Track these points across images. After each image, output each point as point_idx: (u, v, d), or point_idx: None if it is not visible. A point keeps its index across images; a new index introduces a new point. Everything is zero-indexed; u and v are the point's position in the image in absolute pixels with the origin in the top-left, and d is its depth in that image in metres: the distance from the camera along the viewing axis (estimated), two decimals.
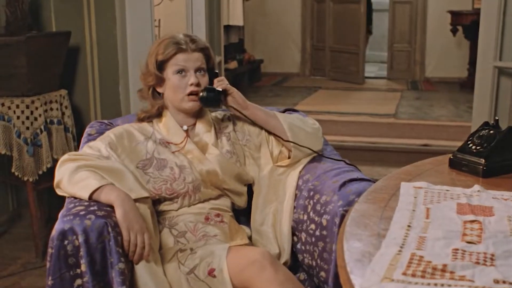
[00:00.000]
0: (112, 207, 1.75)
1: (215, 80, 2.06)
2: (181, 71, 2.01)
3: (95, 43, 3.46)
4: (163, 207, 2.01)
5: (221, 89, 2.03)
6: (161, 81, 2.04)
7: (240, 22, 6.93)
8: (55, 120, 3.25)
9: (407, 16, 8.28)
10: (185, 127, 2.08)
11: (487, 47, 3.18)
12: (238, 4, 6.82)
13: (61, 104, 3.29)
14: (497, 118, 1.82)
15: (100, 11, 3.45)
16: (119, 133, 2.02)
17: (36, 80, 3.14)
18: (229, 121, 2.19)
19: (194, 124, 2.10)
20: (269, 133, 2.13)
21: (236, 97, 2.07)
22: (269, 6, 8.58)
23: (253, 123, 2.13)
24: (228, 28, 6.71)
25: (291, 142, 2.05)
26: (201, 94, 2.00)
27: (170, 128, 2.07)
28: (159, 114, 2.10)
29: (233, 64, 6.94)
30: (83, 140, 2.19)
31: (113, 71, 3.46)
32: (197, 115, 2.11)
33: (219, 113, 2.22)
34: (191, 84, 2.00)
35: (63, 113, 3.31)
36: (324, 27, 8.43)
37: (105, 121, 2.32)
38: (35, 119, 3.13)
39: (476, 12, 5.57)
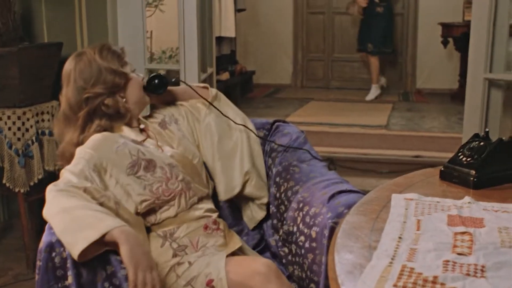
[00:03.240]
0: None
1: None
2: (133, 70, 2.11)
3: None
4: (161, 215, 1.96)
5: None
6: (125, 79, 2.05)
7: (232, 34, 6.94)
8: (47, 131, 3.25)
9: (398, 28, 8.33)
10: (142, 126, 2.11)
11: (478, 59, 3.20)
12: (230, 16, 6.84)
13: (52, 115, 3.28)
14: (487, 130, 1.84)
15: (92, 22, 3.45)
16: (96, 145, 1.92)
17: (28, 91, 3.14)
18: (162, 113, 2.24)
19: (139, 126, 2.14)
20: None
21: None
22: (261, 18, 8.61)
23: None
24: (220, 39, 6.71)
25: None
26: (152, 81, 2.16)
27: (134, 133, 2.06)
28: (112, 127, 2.04)
29: (225, 76, 6.95)
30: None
31: None
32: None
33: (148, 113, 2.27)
34: (143, 79, 2.14)
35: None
36: (319, 38, 8.50)
37: None
38: (27, 130, 3.12)
39: (467, 24, 5.61)
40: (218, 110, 2.27)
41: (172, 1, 3.65)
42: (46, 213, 1.70)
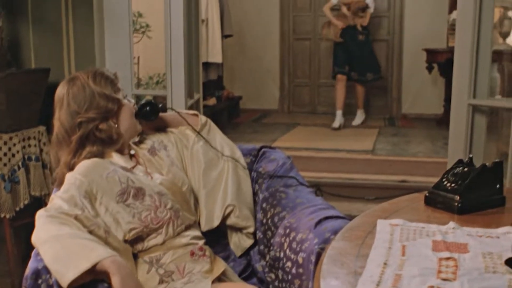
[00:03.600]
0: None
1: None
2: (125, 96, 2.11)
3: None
4: (148, 243, 1.96)
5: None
6: (119, 105, 2.06)
7: (219, 59, 6.98)
8: (33, 157, 3.24)
9: (383, 54, 8.41)
10: (132, 151, 2.11)
11: (461, 85, 3.23)
12: (217, 41, 6.88)
13: (39, 141, 3.28)
14: (471, 155, 1.86)
15: (80, 48, 3.47)
16: (86, 171, 1.91)
17: (15, 116, 3.14)
18: (151, 139, 2.24)
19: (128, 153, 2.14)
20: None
21: None
22: (248, 44, 8.66)
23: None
24: (207, 65, 6.75)
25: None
26: (144, 109, 2.17)
27: (124, 160, 2.06)
28: (103, 153, 2.03)
29: (212, 101, 6.97)
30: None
31: None
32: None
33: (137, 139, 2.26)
34: (134, 105, 2.14)
35: (41, 150, 3.30)
36: (305, 64, 8.58)
37: None
38: (13, 155, 3.11)
39: (451, 50, 5.66)
40: (206, 140, 2.28)
41: (160, 28, 3.68)
42: (36, 239, 1.68)
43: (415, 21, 8.15)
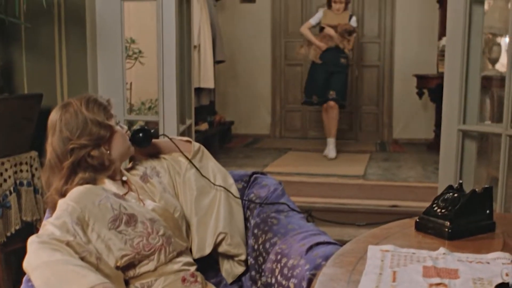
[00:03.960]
0: None
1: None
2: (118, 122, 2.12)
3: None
4: (140, 269, 1.96)
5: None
6: (111, 131, 2.06)
7: (211, 85, 7.00)
8: (25, 182, 3.24)
9: (374, 80, 8.49)
10: (124, 178, 2.11)
11: (451, 111, 3.26)
12: (209, 67, 6.91)
13: (31, 166, 3.28)
14: (461, 181, 1.88)
15: (72, 73, 3.49)
16: (79, 198, 1.91)
17: (7, 142, 3.14)
18: (143, 165, 2.25)
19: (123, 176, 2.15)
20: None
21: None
22: (240, 69, 8.72)
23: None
24: (199, 90, 6.77)
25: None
26: (138, 135, 2.19)
27: (116, 187, 2.07)
28: (95, 179, 2.04)
29: (203, 126, 6.99)
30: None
31: None
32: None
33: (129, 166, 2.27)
34: (127, 131, 2.15)
35: (33, 175, 3.30)
36: (297, 89, 8.62)
37: None
38: (5, 180, 3.11)
39: (441, 76, 5.70)
40: (197, 169, 2.28)
41: (152, 53, 3.70)
42: (27, 265, 1.67)
43: (406, 47, 8.25)
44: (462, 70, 3.20)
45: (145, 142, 2.21)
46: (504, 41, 5.75)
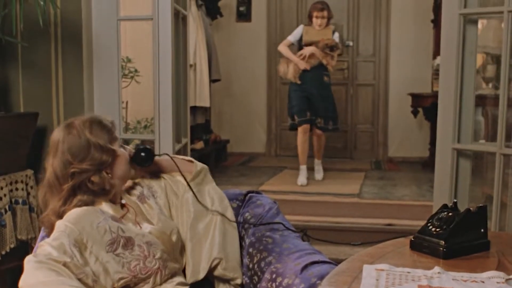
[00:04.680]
0: None
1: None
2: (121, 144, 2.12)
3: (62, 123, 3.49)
4: None
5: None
6: (113, 156, 2.07)
7: (207, 103, 7.02)
8: (20, 200, 3.24)
9: (369, 98, 8.53)
10: (123, 201, 2.11)
11: (446, 130, 3.28)
12: (205, 86, 6.93)
13: (26, 184, 3.28)
14: (455, 200, 1.88)
15: (68, 92, 3.50)
16: (77, 220, 1.91)
17: (3, 160, 3.14)
18: (141, 184, 2.25)
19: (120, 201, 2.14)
20: None
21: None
22: (236, 88, 8.74)
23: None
24: (195, 109, 6.79)
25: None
26: (140, 154, 2.19)
27: (114, 209, 2.07)
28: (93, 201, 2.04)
29: (199, 145, 6.99)
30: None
31: None
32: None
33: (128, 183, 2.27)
34: (130, 152, 2.16)
35: (28, 193, 3.30)
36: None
37: None
38: (0, 199, 3.11)
39: (435, 95, 5.70)
40: (194, 194, 2.27)
41: (148, 72, 3.72)
42: (23, 284, 1.67)
43: (400, 66, 8.30)
44: (456, 89, 3.22)
45: (147, 162, 2.21)
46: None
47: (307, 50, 6.25)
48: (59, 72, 3.50)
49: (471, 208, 1.78)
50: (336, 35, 6.44)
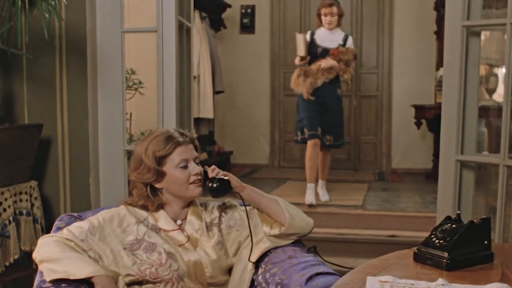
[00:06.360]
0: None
1: (209, 170, 2.16)
2: (184, 165, 2.08)
3: (66, 135, 3.51)
4: None
5: (225, 177, 2.15)
6: (161, 176, 2.08)
7: (210, 115, 7.04)
8: (24, 211, 3.24)
9: (373, 110, 8.53)
10: (179, 222, 2.12)
11: (449, 141, 3.28)
12: (209, 97, 6.95)
13: (30, 195, 3.28)
14: (458, 212, 1.88)
15: (73, 104, 3.51)
16: (109, 217, 2.05)
17: (7, 171, 3.15)
18: (217, 210, 2.25)
19: (185, 218, 2.14)
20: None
21: (233, 181, 2.17)
22: (239, 99, 8.76)
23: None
24: (198, 120, 6.81)
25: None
26: (210, 185, 2.12)
27: (166, 221, 2.10)
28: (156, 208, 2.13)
29: (202, 156, 7.01)
30: (52, 233, 2.19)
31: (84, 164, 3.49)
32: (189, 205, 2.17)
33: (206, 204, 2.26)
34: (195, 174, 2.10)
35: (32, 204, 3.30)
36: (295, 119, 8.61)
37: (75, 214, 2.34)
38: (4, 210, 3.11)
39: (439, 106, 5.66)
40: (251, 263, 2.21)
41: (152, 84, 3.73)
42: (37, 253, 1.91)
43: (404, 78, 8.31)
44: (459, 100, 3.22)
45: (221, 193, 2.15)
46: (501, 71, 5.80)
47: (326, 63, 5.72)
48: (64, 84, 3.51)
49: (474, 220, 1.78)
50: (350, 40, 5.93)
